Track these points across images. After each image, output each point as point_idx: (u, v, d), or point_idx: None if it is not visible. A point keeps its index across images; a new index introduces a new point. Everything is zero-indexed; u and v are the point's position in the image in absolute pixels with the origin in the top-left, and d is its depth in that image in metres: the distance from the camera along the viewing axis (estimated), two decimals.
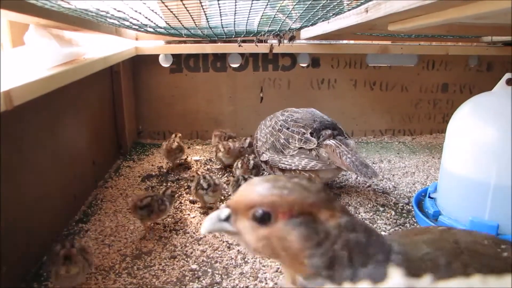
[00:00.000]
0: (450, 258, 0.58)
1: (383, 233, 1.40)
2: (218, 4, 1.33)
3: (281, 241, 0.56)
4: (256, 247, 0.59)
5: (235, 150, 1.96)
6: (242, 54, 2.39)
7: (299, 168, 1.58)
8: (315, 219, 0.56)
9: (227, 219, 0.62)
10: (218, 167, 2.02)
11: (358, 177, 1.89)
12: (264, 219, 0.57)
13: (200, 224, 1.45)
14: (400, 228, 1.44)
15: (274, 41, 2.15)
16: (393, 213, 1.55)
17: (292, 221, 0.56)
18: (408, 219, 1.50)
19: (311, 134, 1.60)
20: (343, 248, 0.55)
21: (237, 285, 1.12)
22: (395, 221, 1.49)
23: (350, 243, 0.56)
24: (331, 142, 1.55)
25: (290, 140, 1.63)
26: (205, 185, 1.50)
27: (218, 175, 1.91)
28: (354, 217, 0.60)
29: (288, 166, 1.61)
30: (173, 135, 2.02)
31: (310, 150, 1.58)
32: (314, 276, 0.56)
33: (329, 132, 1.60)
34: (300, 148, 1.60)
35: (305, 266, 0.56)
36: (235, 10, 1.41)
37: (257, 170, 1.80)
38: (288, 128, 1.66)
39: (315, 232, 0.56)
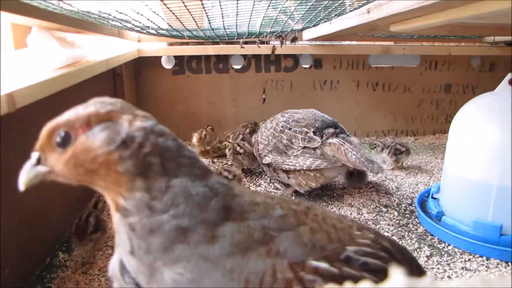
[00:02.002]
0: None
1: (385, 234, 1.40)
2: (220, 5, 1.33)
3: (88, 153, 0.54)
4: (70, 173, 0.57)
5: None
6: (244, 56, 2.39)
7: (304, 168, 1.57)
8: (116, 123, 0.55)
9: (38, 162, 0.59)
10: (219, 166, 2.02)
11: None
12: (65, 141, 0.55)
13: None
14: (403, 229, 1.44)
15: (276, 42, 2.15)
16: (396, 214, 1.54)
17: (92, 131, 0.55)
18: (411, 220, 1.50)
19: (314, 133, 1.60)
20: (152, 152, 0.54)
21: None
22: (398, 222, 1.48)
23: (160, 148, 0.55)
24: (334, 140, 1.55)
25: (293, 140, 1.63)
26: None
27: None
28: (161, 126, 0.59)
29: (292, 167, 1.60)
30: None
31: (314, 149, 1.57)
32: (132, 190, 0.53)
33: (331, 130, 1.60)
34: (304, 147, 1.59)
35: (120, 175, 0.53)
36: (237, 12, 1.41)
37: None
38: (290, 129, 1.66)
39: (117, 133, 0.54)
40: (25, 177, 0.60)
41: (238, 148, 1.92)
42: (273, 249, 0.54)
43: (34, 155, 0.60)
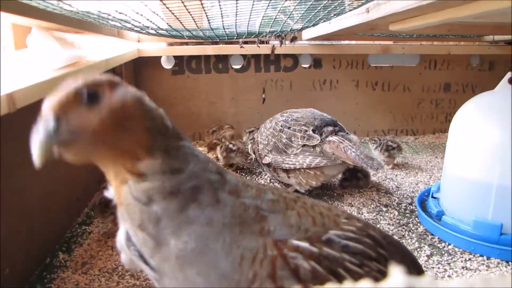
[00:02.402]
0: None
1: None
2: (219, 5, 1.33)
3: (124, 110, 0.54)
4: (99, 135, 0.52)
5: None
6: (244, 55, 2.39)
7: (304, 167, 1.58)
8: (130, 88, 0.57)
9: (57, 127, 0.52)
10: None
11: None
12: (93, 98, 0.52)
13: None
14: (403, 228, 1.44)
15: (276, 42, 2.16)
16: (396, 213, 1.55)
17: (121, 88, 0.55)
18: (411, 219, 1.50)
19: (313, 131, 1.60)
20: (166, 116, 0.59)
21: None
22: (398, 221, 1.48)
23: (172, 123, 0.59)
24: (334, 138, 1.55)
25: (293, 139, 1.63)
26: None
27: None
28: None
29: (292, 166, 1.61)
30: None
31: (314, 147, 1.58)
32: (153, 149, 0.55)
33: (330, 128, 1.60)
34: (304, 145, 1.60)
35: (145, 133, 0.55)
36: (237, 11, 1.41)
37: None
38: (289, 128, 1.66)
39: (140, 94, 0.57)
40: (42, 148, 0.51)
41: (231, 146, 1.95)
42: (265, 228, 0.57)
43: (50, 117, 0.53)
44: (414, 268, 0.76)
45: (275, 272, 0.54)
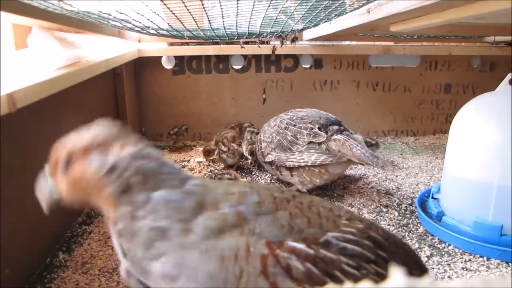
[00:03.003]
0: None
1: None
2: (220, 5, 1.33)
3: (84, 176, 0.65)
4: (72, 192, 0.68)
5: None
6: (244, 56, 2.39)
7: (309, 164, 1.58)
8: (107, 151, 0.65)
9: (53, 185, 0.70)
10: (221, 167, 2.02)
11: (361, 178, 1.89)
12: (67, 166, 0.66)
13: None
14: (403, 229, 1.44)
15: (277, 43, 2.15)
16: (396, 214, 1.54)
17: (88, 158, 0.65)
18: (411, 220, 1.50)
19: (319, 129, 1.60)
20: (135, 174, 0.64)
21: None
22: (398, 222, 1.48)
23: (142, 170, 0.64)
24: (339, 136, 1.56)
25: (298, 136, 1.63)
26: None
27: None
28: (150, 148, 0.68)
29: (296, 163, 1.60)
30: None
31: (320, 144, 1.58)
32: (118, 204, 0.64)
33: (336, 127, 1.61)
34: (309, 143, 1.60)
35: (108, 195, 0.64)
36: (237, 12, 1.41)
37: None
38: (295, 125, 1.67)
39: (107, 161, 0.64)
40: (46, 200, 0.71)
41: (222, 147, 1.96)
42: (246, 229, 0.60)
43: (49, 181, 0.70)
44: (417, 268, 0.76)
45: (266, 269, 0.57)
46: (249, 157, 1.97)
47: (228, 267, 0.57)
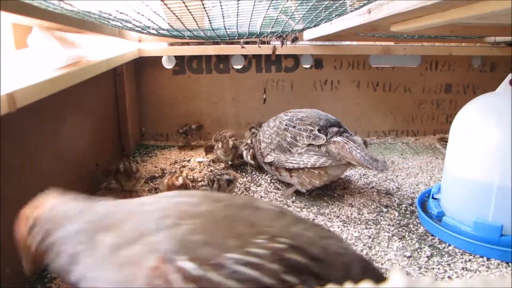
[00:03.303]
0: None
1: (386, 234, 1.40)
2: (221, 5, 1.33)
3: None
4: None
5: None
6: (245, 56, 2.39)
7: (308, 166, 1.57)
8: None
9: None
10: (221, 166, 2.02)
11: (361, 178, 1.89)
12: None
13: None
14: (403, 229, 1.44)
15: (277, 43, 2.15)
16: (396, 214, 1.54)
17: (35, 228, 0.79)
18: (411, 220, 1.50)
19: (319, 131, 1.60)
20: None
21: None
22: (398, 222, 1.48)
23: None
24: (339, 138, 1.55)
25: (298, 138, 1.63)
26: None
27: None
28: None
29: (296, 165, 1.60)
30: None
31: (319, 146, 1.58)
32: None
33: (335, 129, 1.60)
34: (309, 145, 1.60)
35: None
36: (238, 12, 1.41)
37: (235, 150, 1.98)
38: (294, 127, 1.66)
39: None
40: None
41: (218, 144, 1.99)
42: (145, 242, 0.62)
43: None
44: (367, 276, 0.71)
45: (151, 280, 0.58)
46: (252, 162, 1.94)
47: (125, 272, 0.61)
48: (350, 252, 0.75)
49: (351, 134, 1.62)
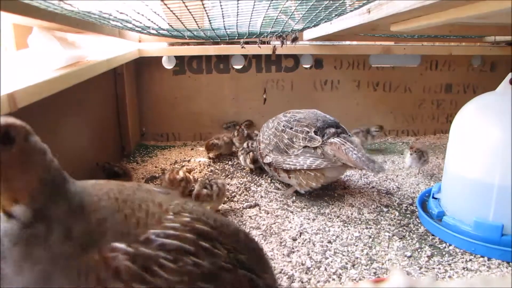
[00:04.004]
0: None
1: (386, 234, 1.40)
2: (221, 5, 1.34)
3: (24, 158, 0.61)
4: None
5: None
6: (245, 56, 2.39)
7: (304, 168, 1.57)
8: None
9: None
10: (221, 168, 2.02)
11: (362, 178, 1.89)
12: (8, 139, 0.59)
13: None
14: (404, 229, 1.44)
15: (277, 43, 2.15)
16: (397, 213, 1.54)
17: (32, 137, 0.63)
18: (412, 220, 1.50)
19: (315, 132, 1.60)
20: None
21: None
22: (399, 222, 1.48)
23: None
24: (335, 140, 1.55)
25: (294, 140, 1.63)
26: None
27: (222, 177, 1.91)
28: None
29: (292, 166, 1.60)
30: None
31: (315, 148, 1.57)
32: (22, 212, 0.61)
33: (333, 130, 1.60)
34: (305, 147, 1.59)
35: (35, 188, 0.63)
36: (238, 12, 1.41)
37: (250, 138, 2.10)
38: (291, 128, 1.66)
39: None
40: None
41: (214, 140, 2.08)
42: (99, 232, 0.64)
43: None
44: (259, 263, 0.83)
45: (99, 275, 0.60)
46: (251, 166, 1.93)
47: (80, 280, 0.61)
48: (233, 223, 0.88)
49: (349, 135, 1.62)
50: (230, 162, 2.12)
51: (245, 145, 2.01)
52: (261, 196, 1.71)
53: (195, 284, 0.65)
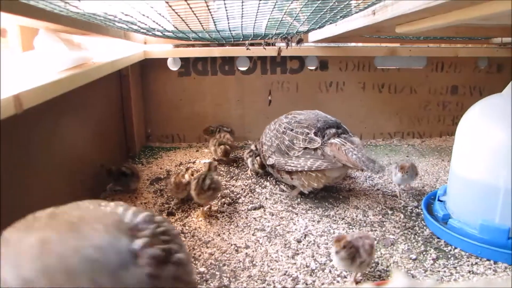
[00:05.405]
0: None
1: (391, 236, 1.39)
2: (226, 7, 1.34)
3: None
4: None
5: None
6: (250, 57, 2.40)
7: (305, 169, 1.57)
8: None
9: None
10: (226, 170, 2.02)
11: (367, 180, 1.88)
12: None
13: (208, 227, 1.45)
14: (409, 231, 1.43)
15: (282, 44, 2.15)
16: (402, 216, 1.54)
17: None
18: (417, 223, 1.49)
19: (315, 133, 1.60)
20: None
21: None
22: (404, 224, 1.48)
23: None
24: (335, 140, 1.55)
25: (295, 141, 1.63)
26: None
27: (226, 178, 1.91)
28: None
29: (294, 168, 1.60)
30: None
31: (315, 150, 1.57)
32: None
33: (333, 131, 1.59)
34: (305, 148, 1.59)
35: None
36: (243, 14, 1.41)
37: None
38: (292, 130, 1.66)
39: None
40: None
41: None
42: None
43: None
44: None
45: None
46: (260, 170, 1.93)
47: None
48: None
49: (350, 135, 1.61)
50: (235, 164, 2.12)
51: (252, 146, 2.01)
52: (266, 198, 1.71)
53: None
